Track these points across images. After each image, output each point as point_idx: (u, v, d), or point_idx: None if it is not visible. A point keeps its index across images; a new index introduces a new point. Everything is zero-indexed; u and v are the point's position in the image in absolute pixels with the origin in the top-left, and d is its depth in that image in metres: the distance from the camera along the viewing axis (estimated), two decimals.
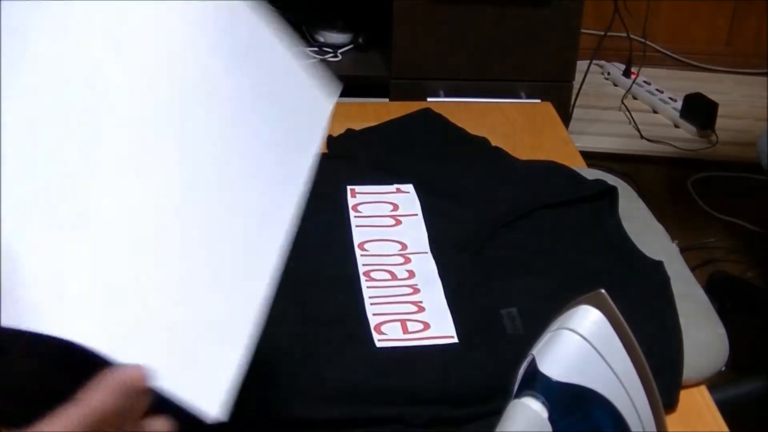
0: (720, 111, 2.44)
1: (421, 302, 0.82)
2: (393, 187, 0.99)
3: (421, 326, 0.79)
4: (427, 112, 1.16)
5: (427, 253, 0.89)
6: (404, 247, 0.90)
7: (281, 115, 0.59)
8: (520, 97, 2.01)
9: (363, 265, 0.86)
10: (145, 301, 0.49)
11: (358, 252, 0.88)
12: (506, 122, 1.24)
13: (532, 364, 0.61)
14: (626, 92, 2.58)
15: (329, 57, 2.08)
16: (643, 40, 2.62)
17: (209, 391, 0.50)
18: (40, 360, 0.51)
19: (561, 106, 1.80)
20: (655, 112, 2.57)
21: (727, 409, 0.78)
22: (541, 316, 0.65)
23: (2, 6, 0.50)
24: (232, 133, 0.55)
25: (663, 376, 0.66)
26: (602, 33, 2.34)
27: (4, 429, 0.49)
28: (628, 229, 0.96)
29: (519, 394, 0.61)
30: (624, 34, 2.40)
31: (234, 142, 0.55)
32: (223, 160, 0.55)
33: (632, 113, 2.52)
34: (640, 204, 1.04)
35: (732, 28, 2.79)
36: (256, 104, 0.57)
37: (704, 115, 2.44)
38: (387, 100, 1.93)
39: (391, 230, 0.92)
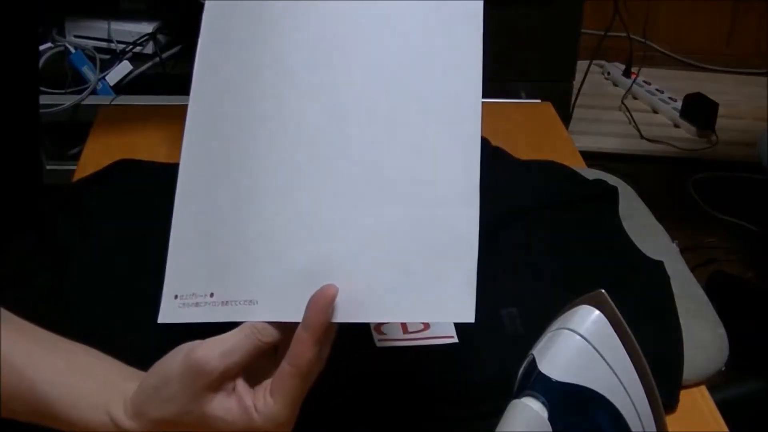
0: (720, 111, 2.44)
1: None
2: None
3: (421, 326, 0.79)
4: None
5: None
6: None
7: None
8: (520, 97, 2.00)
9: None
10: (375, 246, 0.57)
11: None
12: (506, 122, 1.24)
13: (532, 364, 0.61)
14: (626, 92, 2.58)
15: None
16: (643, 40, 2.62)
17: (458, 301, 0.56)
18: None
19: (561, 106, 1.80)
20: (655, 112, 2.57)
21: (727, 409, 0.78)
22: (541, 316, 0.65)
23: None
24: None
25: (663, 376, 0.66)
26: (602, 33, 2.34)
27: None
28: (628, 229, 0.96)
29: (519, 394, 0.61)
30: (624, 34, 2.40)
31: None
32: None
33: (632, 113, 2.52)
34: (640, 204, 1.04)
35: (732, 28, 2.79)
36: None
37: (704, 115, 2.44)
38: None
39: None
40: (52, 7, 1.85)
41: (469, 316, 0.56)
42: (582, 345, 0.60)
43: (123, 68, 1.81)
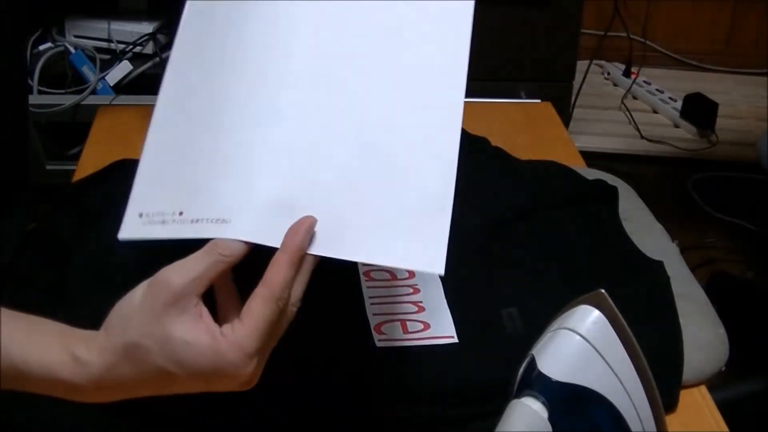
0: (720, 111, 2.44)
1: (421, 302, 0.82)
2: None
3: (421, 326, 0.79)
4: None
5: None
6: None
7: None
8: (520, 97, 2.00)
9: (363, 265, 0.86)
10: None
11: None
12: (506, 122, 1.24)
13: (532, 364, 0.61)
14: (626, 92, 2.58)
15: None
16: (643, 40, 2.62)
17: (431, 254, 0.57)
18: None
19: (561, 106, 1.80)
20: (655, 112, 2.57)
21: (727, 409, 0.78)
22: (541, 316, 0.65)
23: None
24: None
25: (663, 376, 0.66)
26: (602, 33, 2.34)
27: None
28: (628, 229, 0.96)
29: (519, 394, 0.61)
30: (624, 34, 2.40)
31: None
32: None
33: (632, 113, 2.52)
34: (640, 204, 1.04)
35: (732, 28, 2.79)
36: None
37: (704, 115, 2.44)
38: None
39: None
40: (52, 7, 1.85)
41: (439, 268, 0.56)
42: (582, 345, 0.60)
43: (123, 68, 1.81)
